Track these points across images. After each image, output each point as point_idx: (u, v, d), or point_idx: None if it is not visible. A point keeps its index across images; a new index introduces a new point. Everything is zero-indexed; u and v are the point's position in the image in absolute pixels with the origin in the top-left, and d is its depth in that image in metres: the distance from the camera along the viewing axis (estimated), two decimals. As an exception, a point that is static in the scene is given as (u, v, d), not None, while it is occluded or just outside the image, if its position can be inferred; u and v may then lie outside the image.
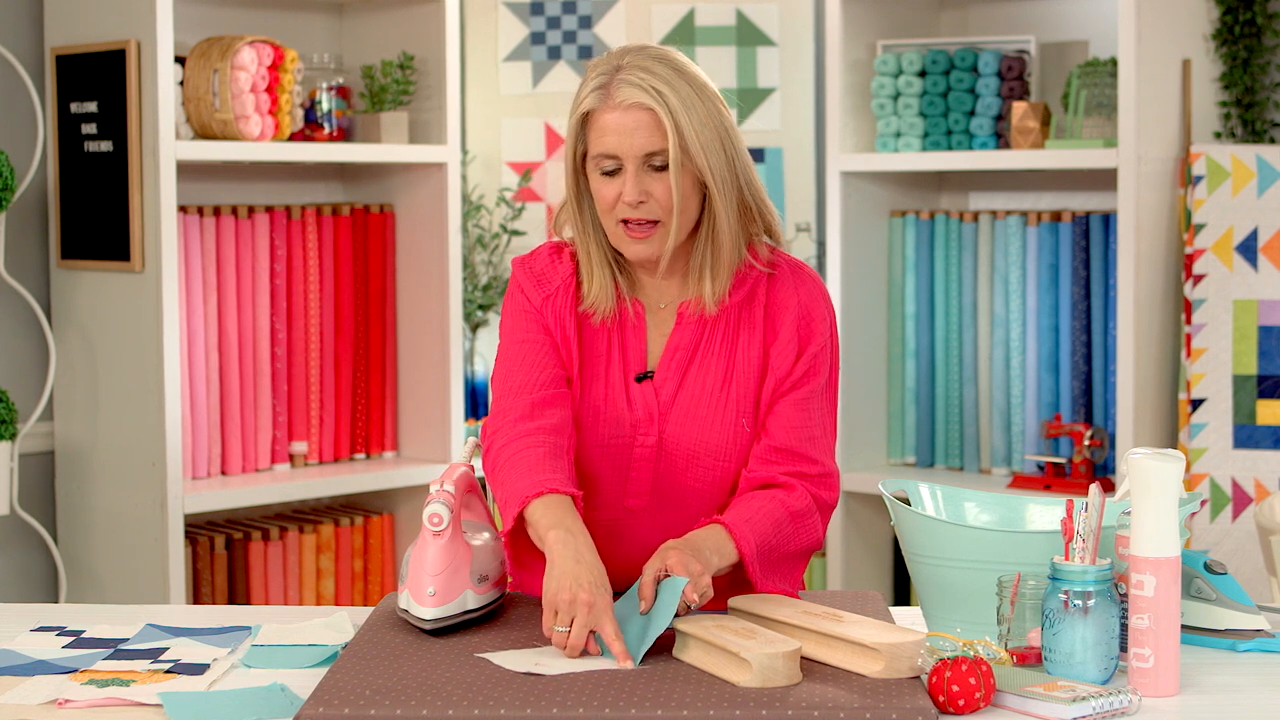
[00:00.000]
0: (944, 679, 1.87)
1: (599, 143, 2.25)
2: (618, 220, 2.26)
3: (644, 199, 2.24)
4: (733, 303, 2.33)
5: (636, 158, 2.23)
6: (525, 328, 2.33)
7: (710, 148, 2.24)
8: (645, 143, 2.22)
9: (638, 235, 2.26)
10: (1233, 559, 3.56)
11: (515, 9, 4.34)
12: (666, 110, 2.22)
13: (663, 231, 2.26)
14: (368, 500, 4.10)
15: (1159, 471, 1.93)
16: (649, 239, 2.26)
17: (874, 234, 4.11)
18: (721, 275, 2.30)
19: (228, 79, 3.60)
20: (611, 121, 2.23)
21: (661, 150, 2.23)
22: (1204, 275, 3.62)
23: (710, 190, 2.26)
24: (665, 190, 2.24)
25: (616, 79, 2.24)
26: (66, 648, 2.15)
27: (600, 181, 2.26)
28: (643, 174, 2.24)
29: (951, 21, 4.22)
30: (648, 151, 2.23)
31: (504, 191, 4.31)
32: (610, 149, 2.24)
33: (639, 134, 2.22)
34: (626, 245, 2.28)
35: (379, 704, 1.86)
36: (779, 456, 2.30)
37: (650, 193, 2.24)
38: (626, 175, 2.24)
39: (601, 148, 2.24)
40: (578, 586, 2.04)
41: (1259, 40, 3.75)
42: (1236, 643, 2.12)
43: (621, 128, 2.23)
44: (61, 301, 3.75)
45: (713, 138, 2.24)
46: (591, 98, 2.25)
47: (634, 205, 2.24)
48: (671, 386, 2.32)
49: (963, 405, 4.03)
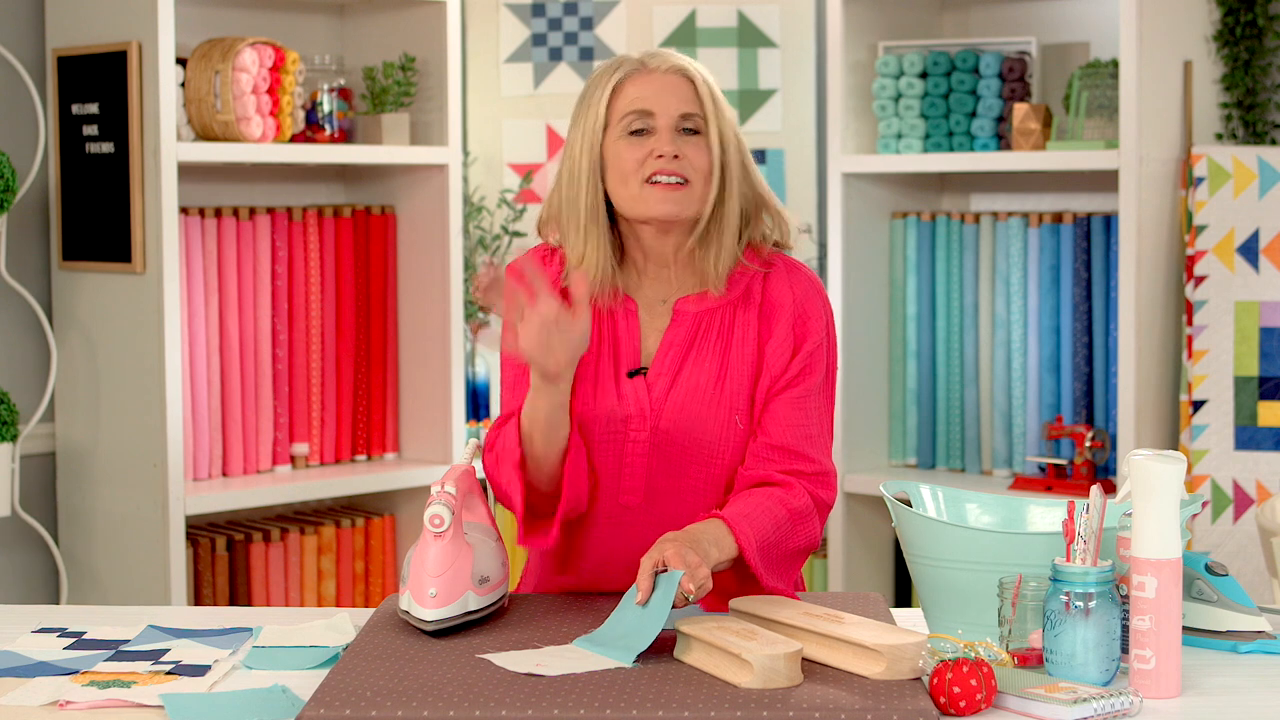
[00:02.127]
0: (945, 680, 1.87)
1: (633, 103, 2.30)
2: (643, 181, 2.29)
3: (679, 154, 2.28)
4: (728, 300, 2.33)
5: (672, 115, 2.30)
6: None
7: (730, 127, 2.33)
8: (682, 104, 2.30)
9: (667, 189, 2.29)
10: (1234, 560, 3.56)
11: (516, 10, 4.34)
12: (704, 80, 2.32)
13: (691, 193, 2.30)
14: (369, 501, 4.10)
15: (1160, 473, 1.93)
16: (678, 195, 2.29)
17: (875, 235, 4.11)
18: (725, 253, 2.32)
19: (229, 80, 3.60)
20: (649, 83, 2.31)
21: (695, 115, 2.30)
22: (1205, 277, 3.62)
23: (727, 170, 2.32)
24: (697, 153, 2.30)
25: (647, 56, 2.34)
26: (68, 649, 2.15)
27: (627, 145, 2.30)
28: (675, 135, 2.29)
29: (953, 23, 4.22)
30: (684, 112, 2.30)
31: (505, 193, 4.31)
32: (648, 105, 2.30)
33: (677, 96, 2.30)
34: (655, 204, 2.29)
35: (380, 705, 1.86)
36: (776, 454, 2.30)
37: (683, 153, 2.29)
38: (660, 132, 2.29)
39: (637, 105, 2.30)
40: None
41: (1260, 41, 3.75)
42: (1238, 644, 2.12)
43: (661, 88, 2.30)
44: (63, 303, 3.75)
45: (731, 123, 2.34)
46: (624, 68, 2.33)
47: (669, 158, 2.28)
48: (665, 382, 2.32)
49: (964, 406, 4.03)
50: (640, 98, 2.30)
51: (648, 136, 2.29)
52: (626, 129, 2.29)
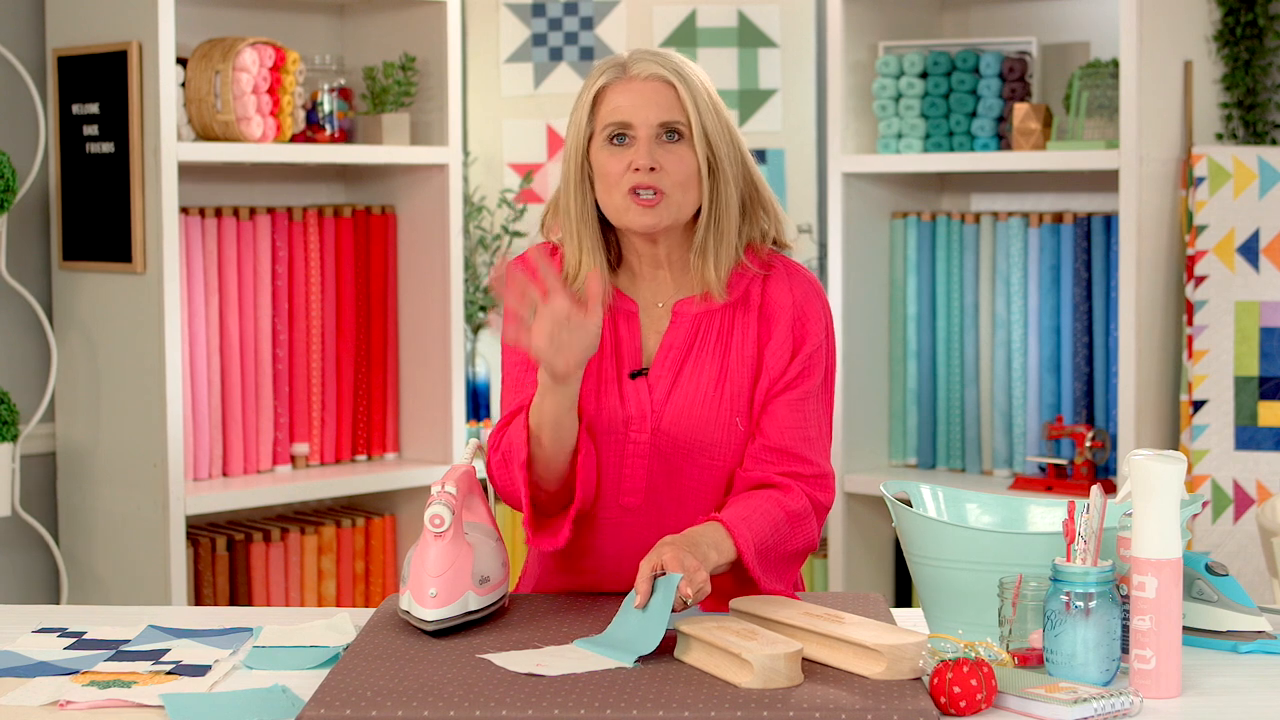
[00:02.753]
0: (945, 680, 1.87)
1: (612, 113, 2.28)
2: (624, 192, 2.27)
3: (655, 166, 2.26)
4: (728, 302, 2.33)
5: (651, 125, 2.27)
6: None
7: (721, 131, 2.30)
8: (661, 112, 2.27)
9: (645, 204, 2.27)
10: (1234, 560, 3.56)
11: (517, 10, 4.34)
12: (685, 85, 2.28)
13: (669, 204, 2.28)
14: (369, 501, 4.10)
15: (1160, 473, 1.93)
16: (655, 208, 2.27)
17: (875, 235, 4.11)
18: (724, 260, 2.31)
19: (229, 80, 3.60)
20: (628, 92, 2.28)
21: (677, 121, 2.27)
22: (1205, 277, 3.62)
23: (718, 171, 2.29)
24: (675, 161, 2.27)
25: (631, 59, 2.30)
26: (68, 649, 2.15)
27: (609, 155, 2.28)
28: (654, 145, 2.27)
29: (953, 23, 4.22)
30: (662, 121, 2.27)
31: (505, 193, 4.31)
32: (625, 117, 2.27)
33: (655, 105, 2.27)
34: (634, 216, 2.28)
35: (380, 705, 1.86)
36: (774, 456, 2.30)
37: (661, 164, 2.27)
38: (639, 142, 2.27)
39: (615, 117, 2.28)
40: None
41: (1260, 42, 3.75)
42: (1238, 644, 2.12)
43: (639, 97, 2.28)
44: (63, 303, 3.75)
45: (723, 124, 2.30)
46: (607, 74, 2.30)
47: (645, 171, 2.26)
48: (666, 384, 2.32)
49: (964, 406, 4.03)
50: (619, 108, 2.28)
51: (628, 147, 2.28)
52: (607, 139, 2.29)
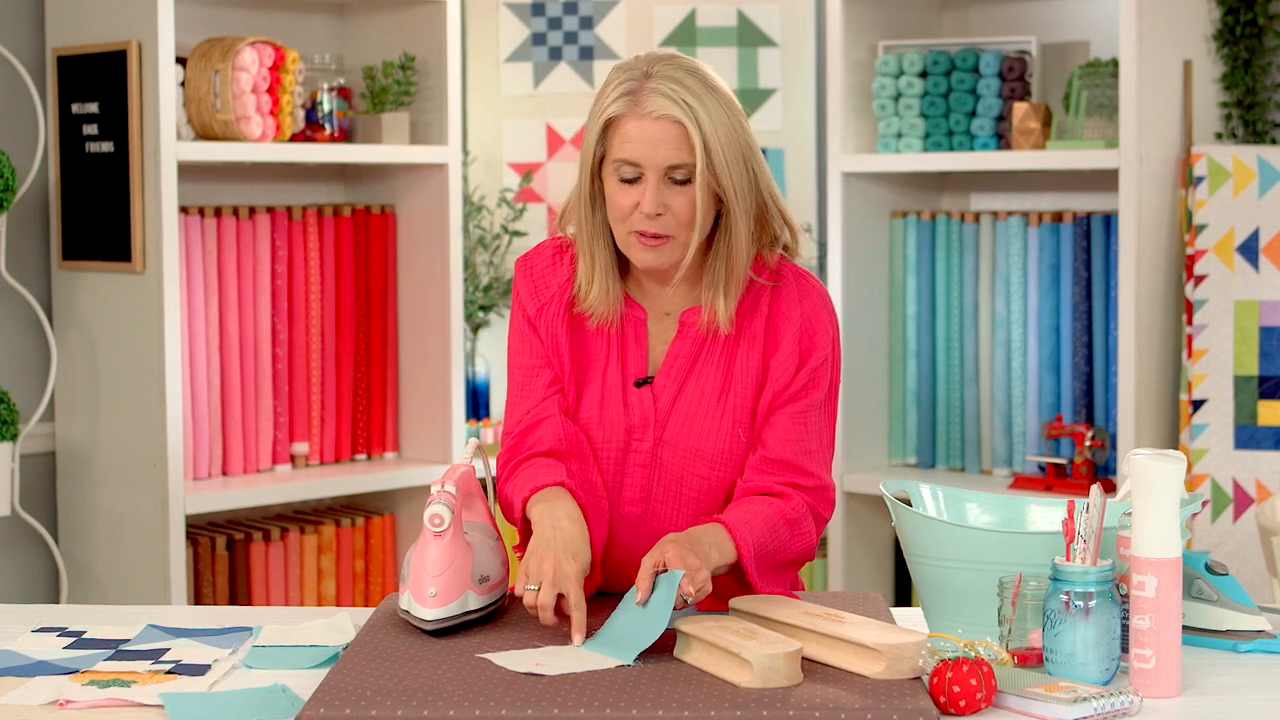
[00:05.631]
0: (945, 680, 1.87)
1: (622, 149, 2.22)
2: (630, 229, 2.25)
3: (661, 211, 2.22)
4: (735, 313, 2.32)
5: (659, 169, 2.22)
6: (522, 349, 2.36)
7: (734, 165, 2.23)
8: (670, 155, 2.21)
9: (650, 244, 2.25)
10: (1234, 560, 3.56)
11: (516, 10, 4.34)
12: (696, 126, 2.20)
13: (675, 245, 2.25)
14: (369, 501, 4.10)
15: (1160, 472, 1.93)
16: (659, 249, 2.25)
17: (875, 235, 4.11)
18: (734, 291, 2.29)
19: (229, 80, 3.60)
20: (638, 130, 2.21)
21: (685, 164, 2.21)
22: (1205, 276, 3.62)
23: (730, 207, 2.25)
24: (683, 204, 2.22)
25: (646, 87, 2.22)
26: (67, 648, 2.15)
27: (617, 188, 2.24)
28: (663, 186, 2.22)
29: (952, 22, 4.22)
30: (671, 164, 2.21)
31: (505, 192, 4.31)
32: (634, 157, 2.22)
33: (665, 146, 2.21)
34: (637, 253, 2.26)
35: (380, 704, 1.86)
36: (774, 468, 2.29)
37: (668, 205, 2.22)
38: (647, 185, 2.22)
39: (625, 154, 2.22)
40: (546, 552, 2.12)
41: (1260, 41, 3.75)
42: (1238, 643, 2.13)
43: (648, 137, 2.21)
44: (63, 302, 3.75)
45: (737, 155, 2.23)
46: (618, 104, 2.23)
47: (651, 217, 2.22)
48: (670, 393, 2.31)
49: (964, 406, 4.03)
50: (629, 143, 2.22)
51: (637, 185, 2.23)
52: (616, 173, 2.24)
